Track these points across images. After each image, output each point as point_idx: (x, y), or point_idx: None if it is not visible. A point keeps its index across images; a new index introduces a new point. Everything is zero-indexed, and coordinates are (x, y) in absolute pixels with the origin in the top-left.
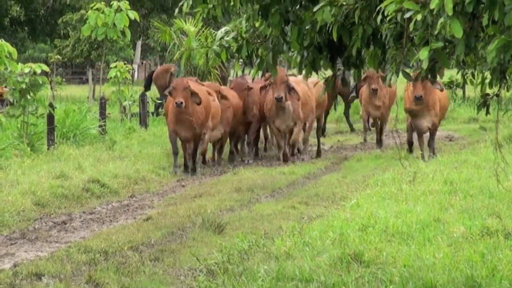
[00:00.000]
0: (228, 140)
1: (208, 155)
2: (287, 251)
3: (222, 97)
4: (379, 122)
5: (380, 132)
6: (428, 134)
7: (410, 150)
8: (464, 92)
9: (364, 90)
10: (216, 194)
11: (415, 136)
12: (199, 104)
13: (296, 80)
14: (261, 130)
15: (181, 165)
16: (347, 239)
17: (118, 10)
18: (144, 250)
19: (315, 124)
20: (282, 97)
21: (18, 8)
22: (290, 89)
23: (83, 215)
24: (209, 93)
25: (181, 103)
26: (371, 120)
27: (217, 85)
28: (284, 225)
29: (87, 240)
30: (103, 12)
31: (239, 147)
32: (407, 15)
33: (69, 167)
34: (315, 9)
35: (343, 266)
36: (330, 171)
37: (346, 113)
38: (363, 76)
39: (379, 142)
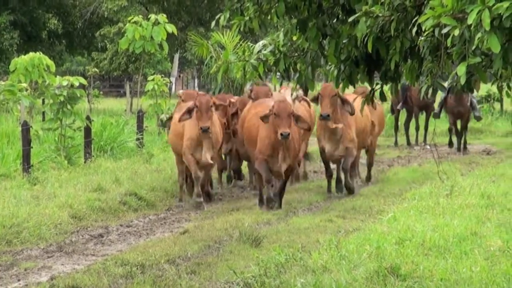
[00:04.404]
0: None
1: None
2: (324, 264)
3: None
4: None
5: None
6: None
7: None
8: (502, 106)
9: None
10: (253, 207)
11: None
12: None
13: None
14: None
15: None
16: (384, 252)
17: (156, 23)
18: (180, 263)
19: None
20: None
21: (55, 21)
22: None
23: (120, 228)
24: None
25: (208, 128)
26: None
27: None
28: (321, 238)
29: (123, 253)
30: (140, 25)
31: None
32: (444, 30)
33: (106, 180)
34: (350, 19)
35: (379, 279)
36: (367, 185)
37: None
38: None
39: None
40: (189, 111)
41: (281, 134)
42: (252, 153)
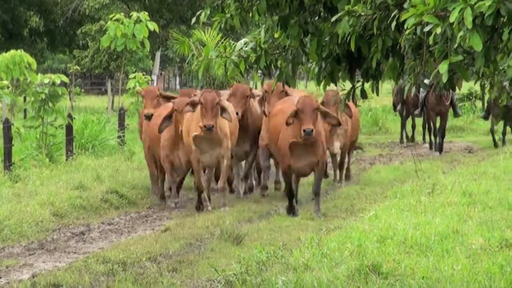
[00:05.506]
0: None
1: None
2: (305, 262)
3: None
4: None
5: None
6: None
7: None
8: (483, 104)
9: None
10: (234, 205)
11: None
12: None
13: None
14: None
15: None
16: (365, 250)
17: (138, 21)
18: (162, 261)
19: None
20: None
21: (37, 19)
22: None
23: (101, 226)
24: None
25: (212, 126)
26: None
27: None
28: (303, 236)
29: (105, 251)
30: (122, 23)
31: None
32: (426, 29)
33: (87, 178)
34: (333, 19)
35: (361, 277)
36: (349, 183)
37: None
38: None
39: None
40: (193, 105)
41: (304, 131)
42: (276, 152)
